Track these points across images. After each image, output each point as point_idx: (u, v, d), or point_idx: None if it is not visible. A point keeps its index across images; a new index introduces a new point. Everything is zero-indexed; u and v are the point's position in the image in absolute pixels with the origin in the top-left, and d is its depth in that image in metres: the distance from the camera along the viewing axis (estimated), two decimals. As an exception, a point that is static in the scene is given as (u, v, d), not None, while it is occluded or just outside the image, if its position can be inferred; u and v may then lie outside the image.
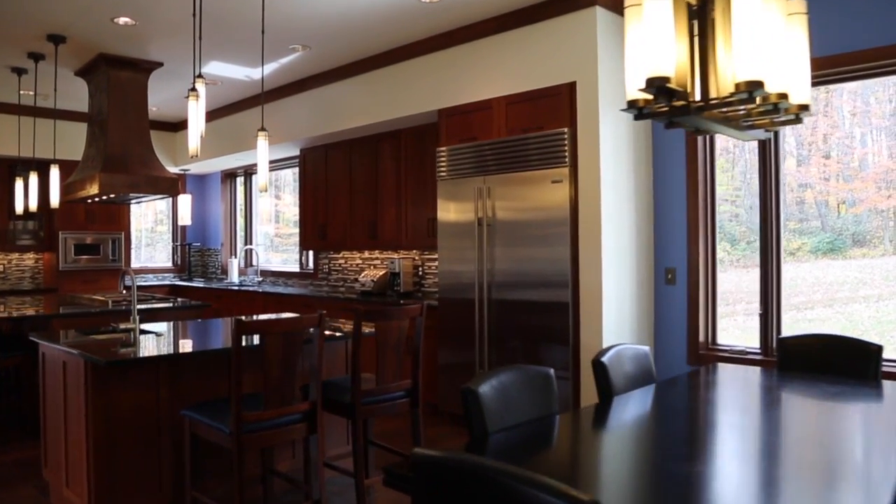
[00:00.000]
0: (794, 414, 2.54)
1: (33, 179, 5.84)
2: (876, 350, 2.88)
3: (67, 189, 5.83)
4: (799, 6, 2.08)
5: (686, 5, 1.98)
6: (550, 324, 4.54)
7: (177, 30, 5.10)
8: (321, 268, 7.68)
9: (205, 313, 5.53)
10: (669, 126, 2.27)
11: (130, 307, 5.19)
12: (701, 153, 4.66)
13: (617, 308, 4.51)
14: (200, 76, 3.85)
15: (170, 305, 5.35)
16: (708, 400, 2.73)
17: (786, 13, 2.05)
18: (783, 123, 2.19)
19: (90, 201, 6.01)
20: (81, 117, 6.76)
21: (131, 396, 3.06)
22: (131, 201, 6.31)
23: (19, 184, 5.83)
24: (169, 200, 9.78)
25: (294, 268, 8.39)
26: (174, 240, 9.90)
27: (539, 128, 4.64)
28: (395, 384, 3.38)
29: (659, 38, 1.80)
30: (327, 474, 3.54)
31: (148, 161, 5.66)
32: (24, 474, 3.91)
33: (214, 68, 6.27)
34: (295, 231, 8.72)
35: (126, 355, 3.02)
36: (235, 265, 8.78)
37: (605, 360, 2.61)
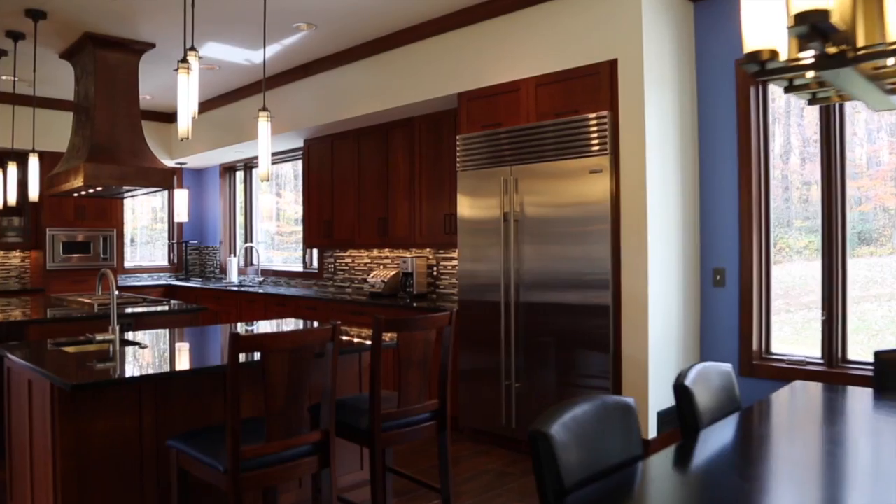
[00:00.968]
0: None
1: (12, 171, 5.33)
2: None
3: (51, 182, 5.33)
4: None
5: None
6: (587, 328, 4.04)
7: (170, 6, 4.60)
8: (326, 267, 7.18)
9: (201, 317, 5.03)
10: (789, 90, 1.77)
11: (121, 309, 4.70)
12: (755, 139, 4.16)
13: (663, 313, 4.02)
14: (193, 49, 3.35)
15: (161, 309, 4.85)
16: (835, 440, 2.14)
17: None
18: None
19: (76, 195, 5.51)
20: (67, 106, 6.26)
21: (108, 422, 2.56)
22: (122, 195, 5.81)
23: (-2, 176, 5.33)
24: (164, 196, 9.29)
25: (297, 267, 7.89)
26: (170, 237, 9.40)
27: (574, 111, 4.14)
28: (420, 405, 2.89)
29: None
30: (340, 509, 3.04)
31: (139, 151, 5.16)
32: (-8, 503, 3.42)
33: (211, 50, 5.76)
34: (296, 229, 8.23)
35: (102, 375, 2.52)
36: (235, 264, 8.29)
37: (690, 384, 2.11)
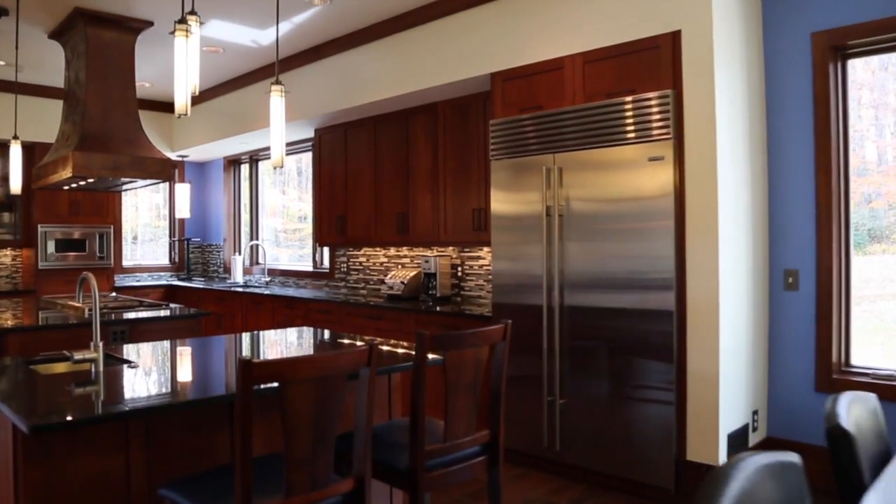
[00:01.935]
0: None
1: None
2: None
3: (38, 174, 4.83)
4: None
5: None
6: (645, 335, 3.53)
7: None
8: (338, 267, 6.66)
9: (204, 322, 4.53)
10: None
11: (113, 316, 4.20)
12: (834, 122, 3.64)
13: (733, 320, 3.50)
14: (193, 12, 2.84)
15: (159, 315, 4.34)
16: None
17: None
18: None
19: (67, 188, 5.01)
20: (60, 94, 5.73)
21: (87, 465, 2.05)
22: (118, 188, 5.31)
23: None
24: (165, 191, 8.79)
25: (306, 266, 7.38)
26: (171, 234, 8.90)
27: (630, 91, 3.62)
28: (470, 437, 2.38)
29: None
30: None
31: (134, 139, 4.65)
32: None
33: (215, 29, 5.25)
34: (300, 226, 7.73)
35: (77, 408, 2.01)
36: (240, 263, 7.78)
37: (849, 427, 1.59)
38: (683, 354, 3.46)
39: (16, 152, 4.41)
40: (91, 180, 4.48)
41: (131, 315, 4.30)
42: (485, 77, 4.44)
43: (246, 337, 3.52)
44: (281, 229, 8.05)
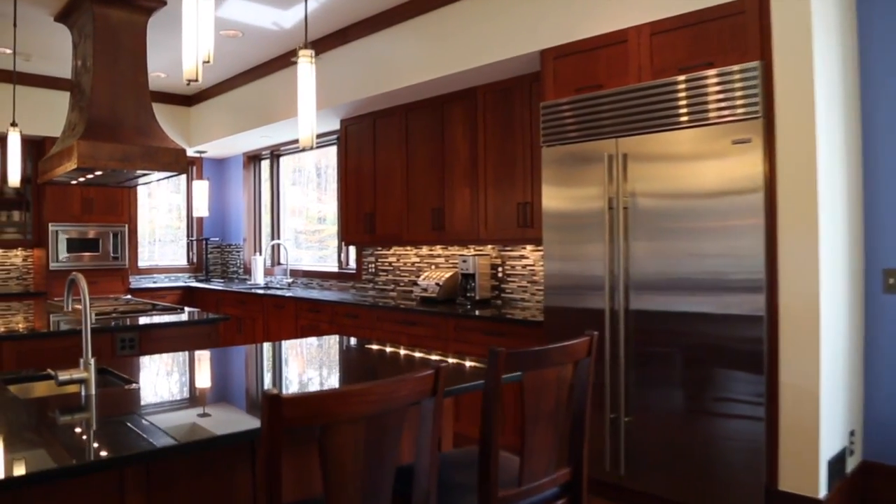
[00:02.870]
0: None
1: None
2: None
3: (44, 167, 4.45)
4: None
5: None
6: (728, 342, 3.05)
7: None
8: (366, 267, 6.23)
9: (222, 328, 4.11)
10: None
11: (124, 321, 3.80)
12: (947, 100, 3.14)
13: (832, 327, 3.01)
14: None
15: (173, 320, 3.93)
16: None
17: None
18: None
19: (75, 182, 4.62)
20: (70, 85, 5.36)
21: (75, 518, 1.62)
22: (130, 182, 4.91)
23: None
24: (182, 188, 8.42)
25: (330, 266, 6.96)
26: (189, 234, 8.53)
27: (708, 65, 3.14)
28: (549, 477, 1.92)
29: None
30: None
31: (146, 128, 4.25)
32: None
33: (233, 10, 4.84)
34: (319, 227, 7.32)
35: (58, 450, 1.58)
36: (260, 263, 7.38)
37: None
38: (775, 364, 2.97)
39: (14, 141, 4.02)
40: (98, 173, 4.08)
41: (143, 320, 3.90)
42: (533, 56, 3.98)
43: (268, 348, 3.09)
44: (301, 230, 7.64)
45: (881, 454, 3.32)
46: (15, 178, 4.09)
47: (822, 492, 2.91)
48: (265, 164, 8.04)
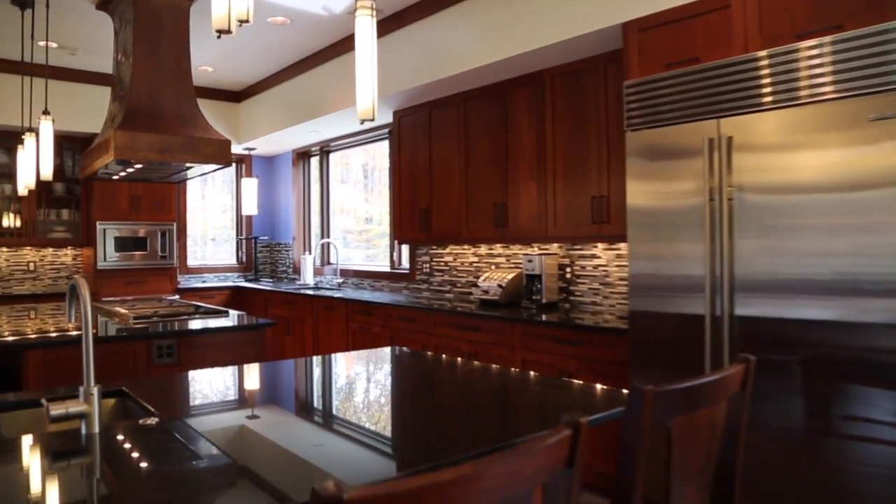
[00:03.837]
0: None
1: (31, 144, 4.19)
2: None
3: (84, 162, 4.20)
4: None
5: None
6: (867, 354, 2.54)
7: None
8: (420, 267, 5.85)
9: (269, 333, 3.78)
10: None
11: (164, 325, 3.49)
12: None
13: None
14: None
15: (215, 325, 3.61)
16: None
17: None
18: None
19: (116, 177, 4.35)
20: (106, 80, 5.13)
21: None
22: (175, 177, 4.63)
23: (21, 156, 4.21)
24: (232, 186, 8.20)
25: (382, 266, 6.60)
26: (238, 233, 8.31)
27: (836, 27, 2.64)
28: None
29: None
30: None
31: (188, 118, 3.95)
32: None
33: (281, -8, 4.52)
34: (366, 227, 6.97)
35: None
36: (310, 263, 7.09)
37: None
38: (922, 391, 2.46)
39: (46, 130, 3.75)
40: (138, 166, 3.79)
41: (186, 325, 3.59)
42: (611, 31, 3.52)
43: (316, 365, 2.69)
44: (349, 229, 7.31)
45: None
46: (47, 172, 3.84)
47: (984, 544, 2.38)
48: (314, 161, 7.74)
